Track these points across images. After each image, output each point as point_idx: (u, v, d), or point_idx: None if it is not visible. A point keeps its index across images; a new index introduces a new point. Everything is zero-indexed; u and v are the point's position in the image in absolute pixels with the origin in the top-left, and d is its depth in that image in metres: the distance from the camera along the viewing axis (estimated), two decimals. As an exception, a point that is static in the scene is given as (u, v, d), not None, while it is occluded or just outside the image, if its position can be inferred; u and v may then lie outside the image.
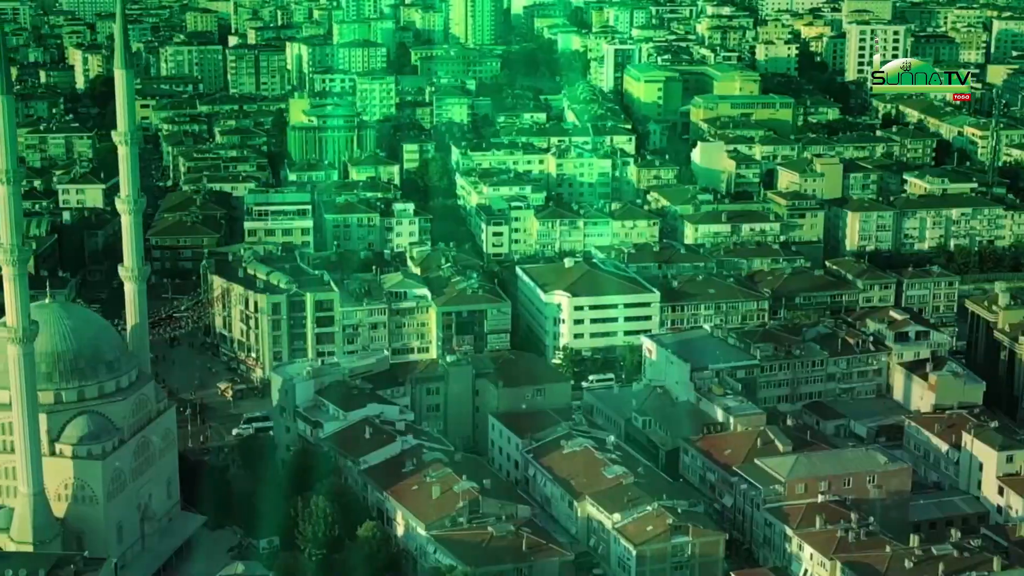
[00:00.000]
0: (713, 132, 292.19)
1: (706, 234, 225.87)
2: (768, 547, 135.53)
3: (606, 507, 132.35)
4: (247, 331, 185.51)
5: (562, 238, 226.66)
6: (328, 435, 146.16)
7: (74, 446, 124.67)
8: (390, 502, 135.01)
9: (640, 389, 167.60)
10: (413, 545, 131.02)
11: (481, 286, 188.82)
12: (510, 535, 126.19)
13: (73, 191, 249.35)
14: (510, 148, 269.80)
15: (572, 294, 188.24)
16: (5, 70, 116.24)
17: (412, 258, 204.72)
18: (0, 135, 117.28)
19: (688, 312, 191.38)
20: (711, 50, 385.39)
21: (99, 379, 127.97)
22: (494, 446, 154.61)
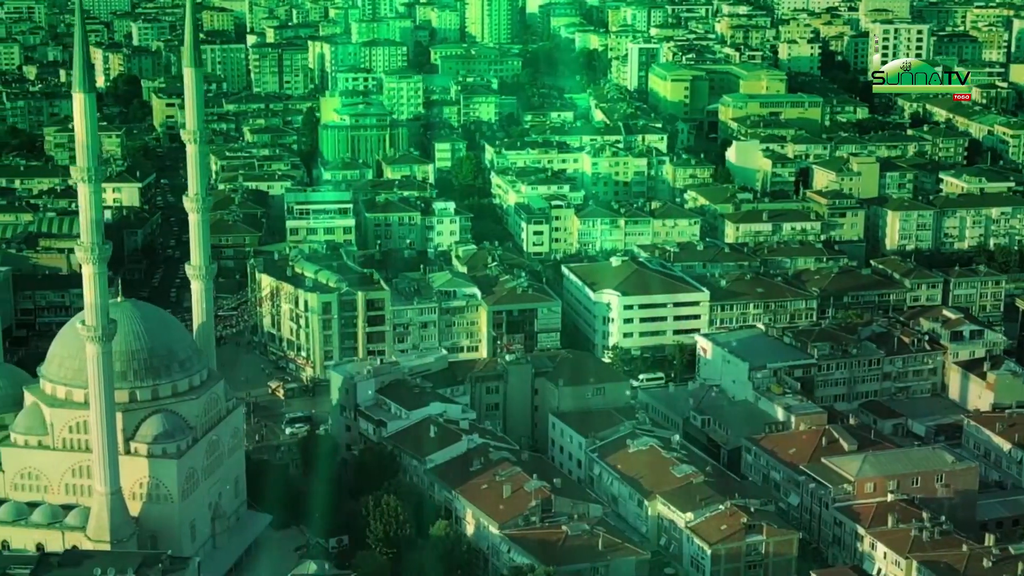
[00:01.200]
0: (744, 131, 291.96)
1: (747, 233, 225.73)
2: (838, 546, 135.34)
3: (678, 506, 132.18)
4: (297, 330, 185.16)
5: (603, 237, 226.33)
6: (391, 434, 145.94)
7: (149, 445, 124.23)
8: (459, 501, 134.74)
9: (696, 388, 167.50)
10: (485, 544, 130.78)
11: (531, 285, 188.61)
12: (585, 534, 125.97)
13: (109, 190, 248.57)
14: (544, 147, 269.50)
15: (622, 293, 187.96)
16: (85, 68, 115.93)
17: (458, 257, 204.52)
18: (81, 134, 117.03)
19: (737, 311, 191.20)
20: (735, 49, 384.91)
21: (172, 378, 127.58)
22: (555, 445, 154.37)
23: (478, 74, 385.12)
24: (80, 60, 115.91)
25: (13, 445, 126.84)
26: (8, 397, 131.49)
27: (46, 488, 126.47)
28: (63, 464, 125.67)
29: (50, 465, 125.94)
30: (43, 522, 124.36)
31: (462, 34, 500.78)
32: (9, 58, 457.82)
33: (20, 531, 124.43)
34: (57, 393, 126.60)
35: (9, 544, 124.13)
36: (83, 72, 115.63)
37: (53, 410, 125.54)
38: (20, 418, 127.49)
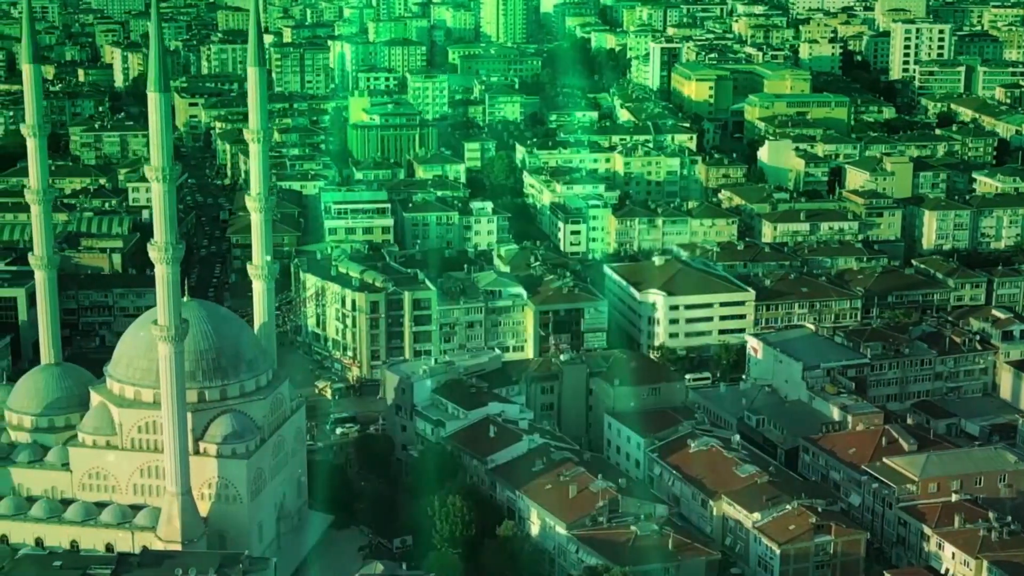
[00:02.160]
0: (772, 131, 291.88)
1: (785, 233, 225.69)
2: (902, 546, 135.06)
3: (744, 506, 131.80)
4: (343, 330, 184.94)
5: (640, 237, 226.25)
6: (450, 434, 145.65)
7: (219, 445, 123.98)
8: (523, 501, 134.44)
9: (748, 388, 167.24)
10: (551, 544, 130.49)
11: (576, 284, 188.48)
12: (655, 534, 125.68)
13: (143, 189, 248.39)
14: (576, 147, 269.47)
15: (667, 293, 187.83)
16: (161, 69, 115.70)
17: (500, 256, 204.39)
18: (155, 133, 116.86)
19: (782, 311, 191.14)
20: (757, 49, 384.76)
21: (240, 378, 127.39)
22: (611, 445, 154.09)
23: (500, 74, 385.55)
24: (156, 61, 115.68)
25: (81, 445, 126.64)
26: (73, 397, 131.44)
27: (114, 488, 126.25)
28: (132, 464, 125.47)
29: (118, 465, 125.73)
30: (112, 522, 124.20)
31: (476, 33, 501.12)
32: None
33: (89, 531, 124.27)
34: (125, 393, 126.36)
35: (78, 544, 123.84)
36: (158, 72, 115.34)
37: (122, 410, 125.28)
38: (88, 418, 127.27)
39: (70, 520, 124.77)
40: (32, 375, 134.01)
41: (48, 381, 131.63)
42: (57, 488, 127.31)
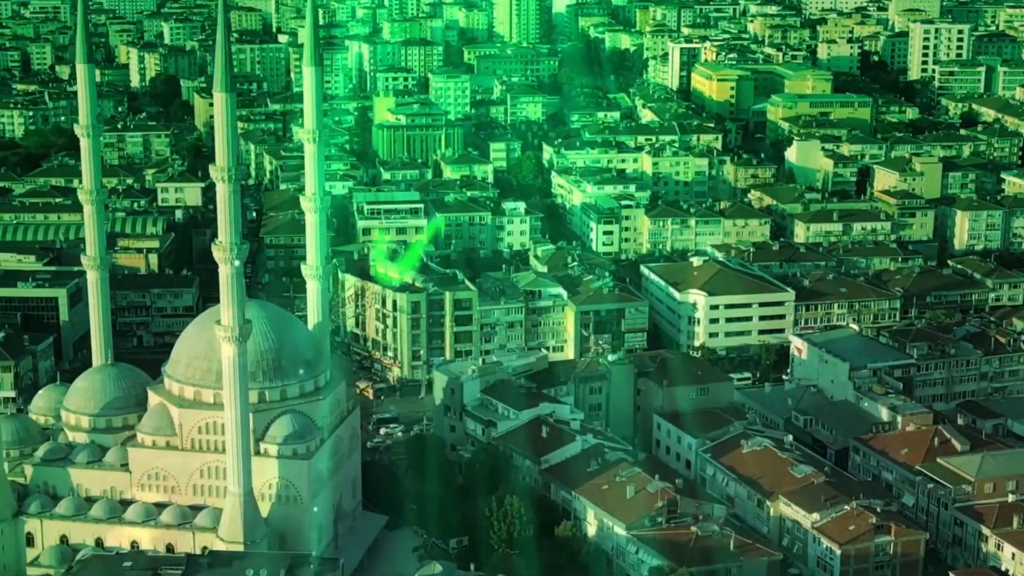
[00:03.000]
0: (797, 131, 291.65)
1: (817, 233, 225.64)
2: (958, 547, 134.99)
3: (802, 506, 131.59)
4: (383, 330, 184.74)
5: (673, 237, 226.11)
6: (502, 434, 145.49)
7: (279, 446, 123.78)
8: (579, 501, 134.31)
9: (793, 388, 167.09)
10: (609, 545, 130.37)
11: (616, 285, 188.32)
12: (715, 534, 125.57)
13: (172, 189, 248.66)
14: (603, 147, 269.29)
15: (708, 293, 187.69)
16: (227, 69, 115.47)
17: (537, 257, 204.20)
18: (221, 134, 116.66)
19: (821, 311, 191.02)
20: (776, 49, 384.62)
21: (300, 378, 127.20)
22: (660, 445, 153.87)
23: (518, 74, 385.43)
24: (223, 61, 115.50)
25: (140, 446, 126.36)
26: (131, 397, 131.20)
27: (173, 489, 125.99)
28: (192, 465, 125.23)
29: (178, 466, 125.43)
30: (173, 523, 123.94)
31: (489, 33, 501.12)
32: (41, 58, 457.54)
33: (149, 531, 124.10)
34: (185, 394, 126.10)
35: (138, 544, 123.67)
36: (225, 73, 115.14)
37: (182, 411, 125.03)
38: (147, 419, 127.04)
39: (130, 521, 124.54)
40: (89, 375, 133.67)
41: (105, 381, 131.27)
42: (116, 488, 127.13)
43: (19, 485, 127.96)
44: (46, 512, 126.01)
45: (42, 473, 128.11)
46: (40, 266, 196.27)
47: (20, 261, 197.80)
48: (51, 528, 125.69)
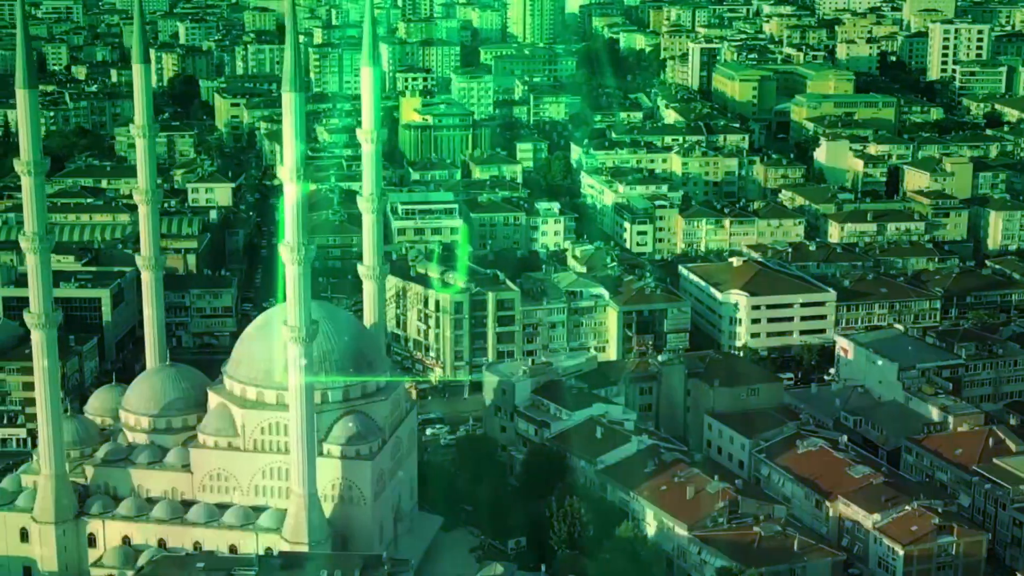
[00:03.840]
0: (823, 131, 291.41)
1: (852, 233, 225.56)
2: (1017, 547, 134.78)
3: (863, 507, 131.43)
4: (425, 330, 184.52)
5: (708, 237, 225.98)
6: (555, 435, 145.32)
7: (342, 446, 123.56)
8: (637, 502, 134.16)
9: (840, 388, 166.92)
10: (669, 545, 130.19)
11: (658, 285, 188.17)
12: (778, 535, 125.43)
13: (203, 190, 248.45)
14: (632, 147, 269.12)
15: (750, 293, 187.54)
16: (297, 68, 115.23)
17: (576, 257, 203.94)
18: (289, 133, 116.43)
19: (862, 311, 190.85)
20: (797, 49, 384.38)
21: (362, 379, 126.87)
22: (711, 446, 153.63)
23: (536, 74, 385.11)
24: (292, 61, 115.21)
25: (202, 447, 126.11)
26: (190, 398, 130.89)
27: (235, 489, 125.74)
28: (254, 465, 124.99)
29: (240, 466, 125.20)
30: (236, 523, 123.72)
31: (503, 34, 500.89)
32: (57, 58, 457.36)
33: (212, 532, 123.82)
34: (247, 394, 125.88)
35: (201, 546, 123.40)
36: (294, 72, 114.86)
37: (245, 411, 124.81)
38: (208, 419, 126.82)
39: (193, 522, 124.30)
40: (149, 376, 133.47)
41: (165, 382, 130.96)
42: (177, 489, 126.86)
43: (80, 486, 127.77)
44: (108, 513, 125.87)
45: (103, 474, 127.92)
46: (79, 266, 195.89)
47: (59, 261, 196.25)
48: (113, 529, 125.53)
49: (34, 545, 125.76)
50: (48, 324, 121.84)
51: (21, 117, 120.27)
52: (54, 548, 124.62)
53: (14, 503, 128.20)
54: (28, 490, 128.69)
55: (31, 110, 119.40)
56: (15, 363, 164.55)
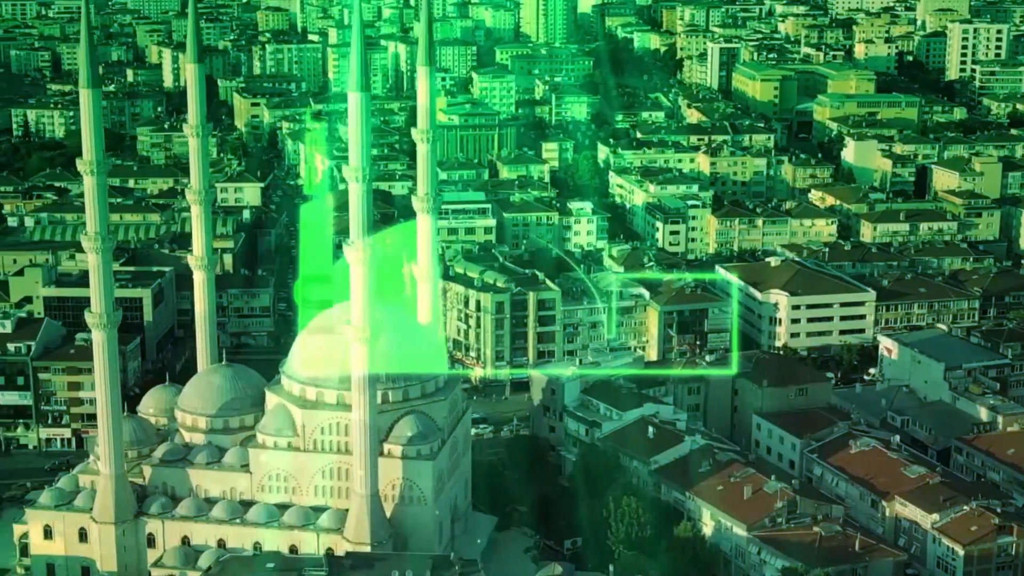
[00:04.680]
0: (847, 131, 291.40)
1: (884, 233, 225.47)
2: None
3: (920, 506, 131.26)
4: (466, 330, 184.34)
5: (740, 237, 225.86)
6: (606, 435, 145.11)
7: (403, 446, 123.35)
8: (693, 502, 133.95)
9: (884, 388, 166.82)
10: (727, 545, 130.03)
11: (698, 285, 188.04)
12: (839, 535, 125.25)
13: (232, 189, 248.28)
14: (660, 147, 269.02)
15: (790, 293, 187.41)
16: (363, 68, 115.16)
17: (612, 256, 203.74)
18: (355, 133, 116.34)
19: (901, 311, 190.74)
20: (816, 49, 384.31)
21: (421, 379, 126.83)
22: (760, 446, 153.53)
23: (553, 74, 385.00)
24: (359, 61, 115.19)
25: (261, 447, 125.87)
26: (247, 398, 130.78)
27: (294, 490, 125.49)
28: (313, 466, 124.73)
29: (300, 467, 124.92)
30: (297, 524, 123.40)
31: (516, 33, 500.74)
32: (72, 58, 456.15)
33: (273, 533, 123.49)
34: (307, 394, 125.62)
35: (261, 546, 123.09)
36: (360, 72, 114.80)
37: (305, 411, 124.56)
38: (267, 419, 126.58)
39: (253, 522, 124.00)
40: (205, 376, 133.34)
41: (222, 382, 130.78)
42: (235, 489, 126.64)
43: (137, 486, 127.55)
44: (167, 513, 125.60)
45: (161, 474, 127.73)
46: (117, 266, 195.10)
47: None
48: (172, 529, 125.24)
49: (93, 545, 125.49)
50: (109, 324, 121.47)
51: (84, 117, 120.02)
52: (114, 548, 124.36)
53: (72, 503, 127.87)
54: (86, 490, 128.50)
55: (94, 110, 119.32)
56: (60, 363, 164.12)
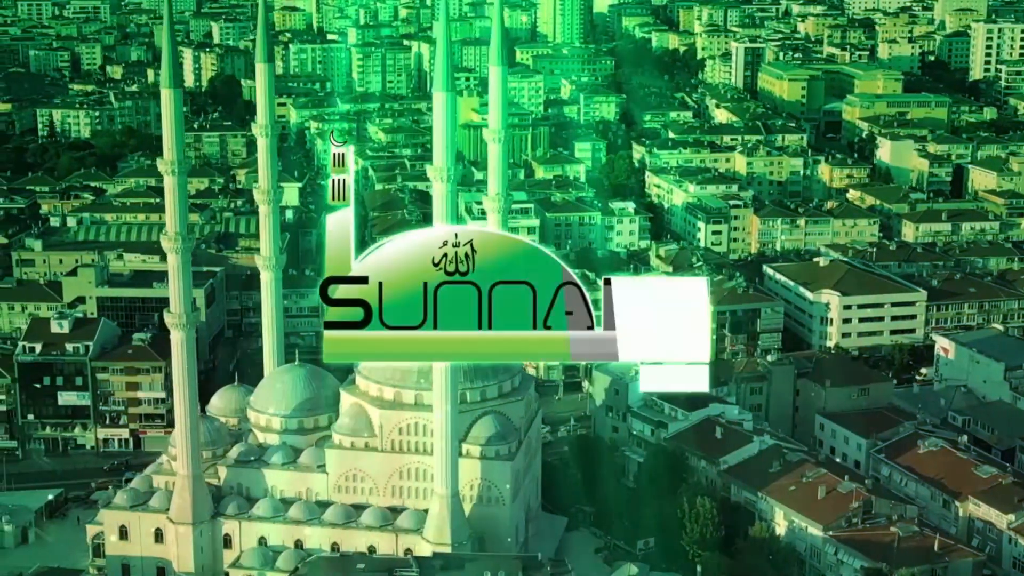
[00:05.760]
0: (879, 131, 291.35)
1: (927, 233, 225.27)
2: None
3: (995, 507, 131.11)
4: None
5: (782, 236, 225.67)
6: (672, 435, 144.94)
7: (482, 447, 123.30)
8: (765, 502, 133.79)
9: (942, 388, 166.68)
10: (802, 546, 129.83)
11: (749, 285, 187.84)
12: (916, 535, 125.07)
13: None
14: (695, 147, 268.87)
15: (841, 293, 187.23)
16: (448, 65, 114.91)
17: (660, 256, 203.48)
18: (440, 133, 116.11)
19: (952, 311, 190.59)
20: (841, 49, 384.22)
21: (498, 379, 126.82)
22: (823, 446, 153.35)
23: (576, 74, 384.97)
24: (445, 60, 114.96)
25: (338, 447, 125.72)
26: (320, 398, 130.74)
27: (371, 490, 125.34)
28: (391, 466, 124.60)
29: (377, 467, 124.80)
30: (375, 524, 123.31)
31: (533, 33, 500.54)
32: (91, 58, 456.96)
33: (350, 533, 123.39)
34: (384, 395, 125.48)
35: (339, 547, 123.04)
36: (447, 72, 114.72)
37: (382, 412, 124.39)
38: (344, 420, 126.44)
39: (331, 522, 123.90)
40: (278, 376, 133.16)
41: (296, 382, 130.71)
42: (311, 490, 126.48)
43: (212, 486, 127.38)
44: (244, 513, 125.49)
45: (236, 474, 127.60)
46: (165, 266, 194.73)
47: (144, 261, 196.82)
48: (249, 529, 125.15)
49: (170, 546, 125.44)
50: (189, 324, 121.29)
51: (165, 116, 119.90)
52: (191, 549, 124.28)
53: (148, 504, 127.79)
54: (161, 491, 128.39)
55: (175, 110, 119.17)
56: (119, 363, 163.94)
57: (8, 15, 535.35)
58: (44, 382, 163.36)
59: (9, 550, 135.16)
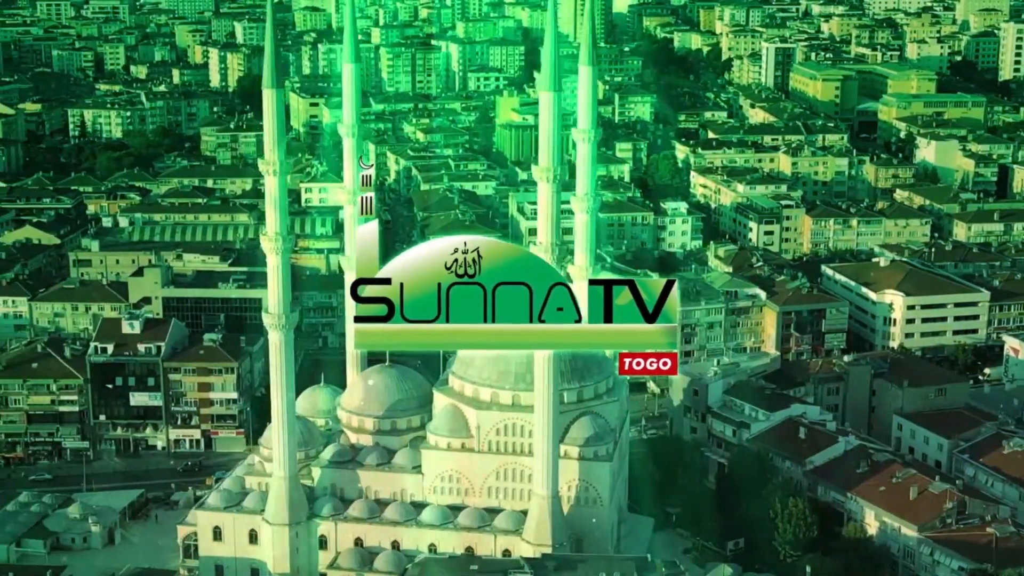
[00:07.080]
0: (918, 131, 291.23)
1: (979, 233, 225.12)
2: None
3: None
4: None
5: (835, 237, 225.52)
6: (755, 435, 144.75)
7: (580, 447, 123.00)
8: (855, 503, 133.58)
9: (1014, 388, 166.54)
10: (895, 546, 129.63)
11: (813, 285, 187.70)
12: (1013, 536, 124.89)
13: (316, 190, 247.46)
14: (739, 146, 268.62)
15: (905, 293, 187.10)
16: (556, 64, 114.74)
17: (719, 257, 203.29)
18: (548, 132, 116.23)
19: (1014, 311, 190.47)
20: (872, 49, 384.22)
21: (594, 379, 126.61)
22: (902, 446, 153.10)
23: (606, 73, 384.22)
24: (552, 59, 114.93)
25: (433, 448, 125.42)
26: (412, 399, 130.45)
27: (467, 491, 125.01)
28: (488, 467, 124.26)
29: (473, 468, 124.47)
30: (472, 525, 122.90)
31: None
32: (115, 59, 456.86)
33: (448, 534, 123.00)
34: (480, 395, 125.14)
35: (436, 548, 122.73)
36: (554, 70, 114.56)
37: (480, 412, 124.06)
38: (439, 420, 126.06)
39: (428, 523, 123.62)
40: (370, 377, 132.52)
41: (388, 383, 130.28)
42: (406, 491, 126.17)
43: (306, 487, 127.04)
44: (340, 515, 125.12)
45: (330, 475, 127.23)
46: (226, 267, 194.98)
47: (204, 262, 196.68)
48: (345, 531, 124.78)
49: (265, 547, 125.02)
50: (287, 325, 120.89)
51: (267, 117, 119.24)
52: (287, 550, 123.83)
53: (242, 504, 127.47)
54: (254, 492, 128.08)
55: (277, 110, 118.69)
56: (191, 364, 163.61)
57: (27, 15, 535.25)
58: (116, 383, 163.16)
59: (97, 551, 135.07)
